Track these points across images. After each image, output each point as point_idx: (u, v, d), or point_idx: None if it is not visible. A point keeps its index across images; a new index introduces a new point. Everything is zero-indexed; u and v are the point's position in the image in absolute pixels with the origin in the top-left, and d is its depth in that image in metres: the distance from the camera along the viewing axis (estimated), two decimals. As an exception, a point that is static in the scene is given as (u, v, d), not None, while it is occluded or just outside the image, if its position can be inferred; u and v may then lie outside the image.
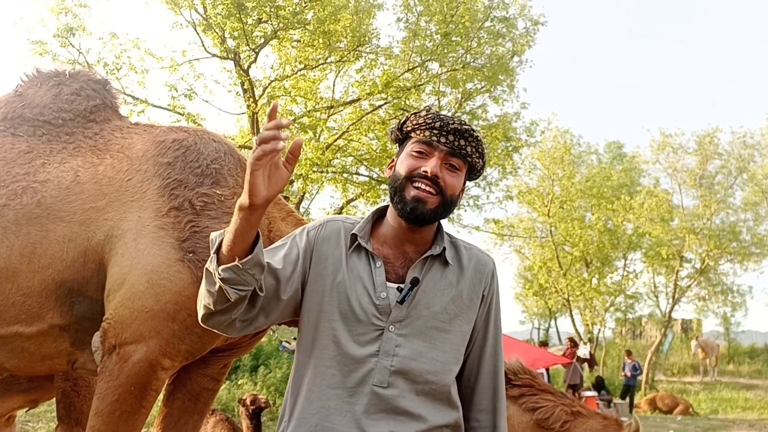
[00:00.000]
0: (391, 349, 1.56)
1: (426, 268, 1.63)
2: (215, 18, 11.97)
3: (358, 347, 1.56)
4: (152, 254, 2.39)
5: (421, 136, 1.62)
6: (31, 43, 12.05)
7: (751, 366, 25.05)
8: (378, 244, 1.66)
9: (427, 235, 1.66)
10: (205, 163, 2.62)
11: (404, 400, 1.56)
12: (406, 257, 1.65)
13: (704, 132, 19.99)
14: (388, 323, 1.57)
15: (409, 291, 1.58)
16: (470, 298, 1.66)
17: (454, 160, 1.61)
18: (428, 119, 1.62)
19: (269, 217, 2.72)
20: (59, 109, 2.89)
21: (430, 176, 1.58)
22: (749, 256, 20.45)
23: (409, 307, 1.59)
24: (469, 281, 1.67)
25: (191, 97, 12.42)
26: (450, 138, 1.60)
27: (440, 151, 1.60)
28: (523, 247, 24.49)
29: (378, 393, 1.54)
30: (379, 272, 1.61)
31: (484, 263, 1.72)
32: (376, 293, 1.58)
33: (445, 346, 1.62)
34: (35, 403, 3.99)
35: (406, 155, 1.64)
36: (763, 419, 14.36)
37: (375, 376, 1.55)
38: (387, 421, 1.54)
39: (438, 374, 1.60)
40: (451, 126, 1.60)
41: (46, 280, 2.46)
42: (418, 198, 1.58)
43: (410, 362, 1.57)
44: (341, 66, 13.66)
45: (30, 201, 2.53)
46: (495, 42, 13.63)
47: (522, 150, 15.60)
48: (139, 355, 2.36)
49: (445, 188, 1.60)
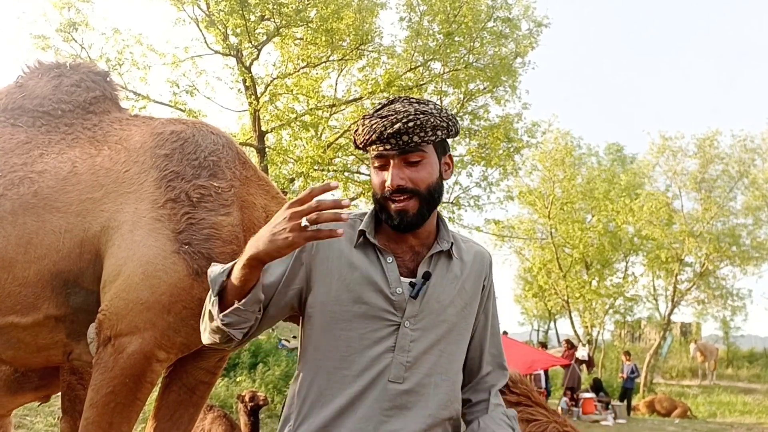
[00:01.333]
0: (407, 345, 1.56)
1: (433, 262, 1.64)
2: (218, 15, 11.98)
3: (373, 344, 1.56)
4: (148, 246, 2.38)
5: (373, 150, 1.60)
6: (34, 37, 12.07)
7: (750, 370, 25.07)
8: (384, 239, 1.64)
9: (429, 227, 1.65)
10: (202, 155, 2.61)
11: (417, 395, 1.57)
12: (414, 251, 1.65)
13: (704, 135, 19.99)
14: (404, 319, 1.57)
15: (422, 285, 1.58)
16: (473, 289, 1.69)
17: (409, 157, 1.58)
18: (365, 135, 1.60)
19: (267, 210, 2.71)
20: (59, 100, 2.88)
21: (394, 189, 1.56)
22: (749, 260, 20.44)
23: (422, 302, 1.59)
24: (470, 274, 1.69)
25: (193, 94, 12.43)
26: (392, 142, 1.56)
27: (392, 157, 1.57)
28: (523, 248, 24.49)
29: (393, 389, 1.55)
30: (391, 267, 1.60)
31: (482, 255, 1.75)
32: (391, 289, 1.57)
33: (454, 337, 1.64)
34: (46, 399, 4.00)
35: (372, 172, 1.64)
36: (761, 423, 14.35)
37: (391, 372, 1.55)
38: (398, 417, 1.54)
39: (448, 367, 1.62)
40: (387, 132, 1.55)
41: (41, 270, 2.45)
42: (399, 211, 1.57)
43: (424, 356, 1.58)
44: (343, 64, 13.67)
45: (27, 191, 2.52)
46: (498, 43, 13.63)
47: (523, 151, 15.59)
48: (134, 346, 2.35)
49: (417, 186, 1.57)
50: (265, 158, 12.68)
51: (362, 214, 1.68)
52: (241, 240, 2.54)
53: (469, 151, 14.63)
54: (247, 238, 2.58)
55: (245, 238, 2.57)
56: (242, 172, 2.70)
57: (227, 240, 2.49)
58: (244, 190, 2.67)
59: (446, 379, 1.62)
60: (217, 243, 2.46)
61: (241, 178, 2.68)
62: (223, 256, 2.45)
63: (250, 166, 2.79)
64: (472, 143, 14.60)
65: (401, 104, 1.61)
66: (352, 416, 1.53)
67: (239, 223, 2.57)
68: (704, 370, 23.14)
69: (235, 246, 2.50)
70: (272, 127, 13.23)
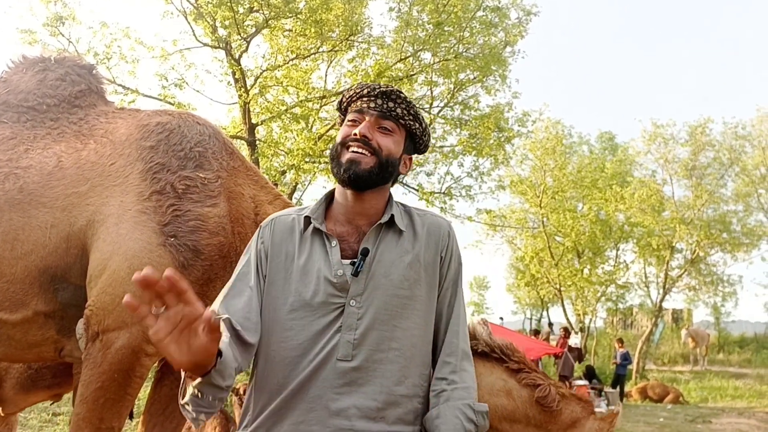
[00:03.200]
0: (354, 323, 1.56)
1: (380, 239, 1.64)
2: (206, 7, 11.88)
3: (323, 329, 1.56)
4: (134, 239, 2.36)
5: (354, 107, 1.69)
6: (20, 32, 11.96)
7: (741, 355, 25.28)
8: (332, 224, 1.67)
9: (377, 204, 1.68)
10: (188, 146, 2.59)
11: (368, 371, 1.54)
12: (360, 231, 1.66)
13: (696, 123, 20.07)
14: (348, 298, 1.57)
15: (361, 262, 1.58)
16: (428, 262, 1.66)
17: (385, 122, 1.66)
18: (357, 89, 1.68)
19: (256, 200, 2.70)
20: (44, 94, 2.86)
21: (359, 138, 1.62)
22: (739, 246, 20.57)
23: (367, 278, 1.59)
24: (424, 246, 1.67)
25: (182, 87, 12.34)
26: (378, 102, 1.65)
27: (370, 115, 1.65)
28: (515, 237, 24.53)
29: (342, 367, 1.53)
30: (334, 251, 1.61)
31: (437, 226, 1.72)
32: (333, 271, 1.58)
33: (407, 312, 1.60)
34: (59, 398, 4.00)
35: (342, 126, 1.70)
36: (752, 407, 14.49)
37: (339, 351, 1.54)
38: (350, 395, 1.53)
39: (404, 342, 1.59)
40: (378, 90, 1.65)
41: (29, 266, 2.43)
42: (352, 160, 1.61)
43: (373, 332, 1.56)
44: (333, 56, 13.60)
45: (12, 187, 2.50)
46: (487, 32, 13.60)
47: (514, 140, 15.59)
48: (122, 341, 2.34)
49: (379, 149, 1.63)
50: (255, 151, 12.63)
51: (302, 208, 1.73)
52: (228, 231, 2.52)
53: (460, 141, 14.62)
54: (234, 229, 2.57)
55: (233, 229, 2.55)
56: (229, 163, 2.68)
57: (214, 231, 2.48)
58: (231, 180, 2.65)
59: (400, 354, 1.57)
60: (204, 235, 2.45)
61: (228, 169, 2.66)
62: (210, 248, 2.44)
63: (238, 157, 2.77)
64: (463, 133, 14.58)
65: (391, 86, 1.71)
66: (304, 396, 1.53)
67: (226, 214, 2.55)
68: (696, 356, 23.32)
69: (221, 237, 2.49)
70: (262, 119, 13.17)
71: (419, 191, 14.81)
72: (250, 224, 2.62)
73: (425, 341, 1.65)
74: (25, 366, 3.72)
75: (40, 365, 3.72)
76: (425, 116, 14.71)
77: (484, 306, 43.13)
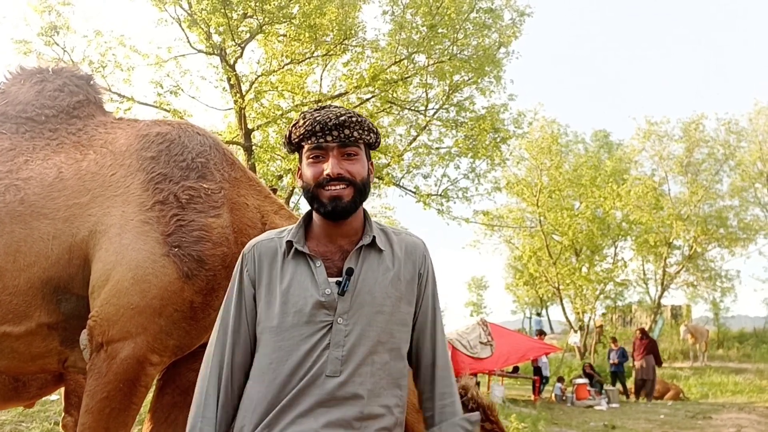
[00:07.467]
0: (341, 340, 1.62)
1: (362, 258, 1.71)
2: (200, 14, 11.90)
3: (312, 347, 1.62)
4: (137, 249, 2.37)
5: (310, 144, 1.70)
6: (15, 42, 11.96)
7: (740, 350, 25.28)
8: (314, 243, 1.73)
9: (356, 224, 1.74)
10: (190, 157, 2.60)
11: (354, 385, 1.61)
12: (342, 250, 1.72)
13: (690, 119, 20.14)
14: (336, 316, 1.63)
15: (347, 281, 1.65)
16: (407, 279, 1.75)
17: (348, 149, 1.70)
18: (308, 126, 1.69)
19: (261, 210, 2.70)
20: (42, 105, 2.86)
21: (333, 177, 1.66)
22: (736, 241, 20.66)
23: (352, 297, 1.65)
24: (403, 264, 1.75)
25: (177, 94, 12.38)
26: (335, 134, 1.68)
27: (332, 149, 1.69)
28: (513, 237, 24.57)
29: (331, 382, 1.60)
30: (319, 271, 1.68)
31: (414, 246, 1.81)
32: (320, 291, 1.65)
33: (390, 327, 1.68)
34: (32, 405, 3.98)
35: (306, 165, 1.72)
36: (752, 402, 14.52)
37: (328, 367, 1.60)
38: (338, 408, 1.59)
39: (385, 356, 1.67)
40: (330, 123, 1.67)
41: (31, 278, 2.43)
42: (333, 197, 1.67)
43: (359, 348, 1.63)
44: (328, 60, 13.64)
45: (13, 199, 2.50)
46: (481, 33, 13.65)
47: (510, 141, 15.64)
48: (127, 351, 2.35)
49: (353, 177, 1.69)
50: (252, 156, 12.65)
51: (281, 230, 1.79)
52: (231, 241, 2.53)
53: (456, 143, 14.65)
54: (238, 239, 2.57)
55: (236, 240, 2.56)
56: (231, 174, 2.70)
57: (217, 242, 2.49)
58: (234, 191, 2.66)
59: (382, 368, 1.65)
60: (207, 245, 2.46)
61: (230, 180, 2.67)
62: (213, 258, 2.45)
63: (239, 167, 2.78)
64: (459, 135, 14.62)
65: (335, 107, 1.74)
66: (293, 411, 1.59)
67: (229, 225, 2.56)
68: (695, 352, 23.33)
69: (225, 248, 2.50)
70: (258, 124, 13.19)
71: (416, 194, 14.83)
72: (256, 234, 2.63)
73: (405, 354, 1.75)
74: (10, 377, 3.69)
75: (29, 377, 3.69)
76: (420, 118, 14.74)
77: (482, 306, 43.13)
